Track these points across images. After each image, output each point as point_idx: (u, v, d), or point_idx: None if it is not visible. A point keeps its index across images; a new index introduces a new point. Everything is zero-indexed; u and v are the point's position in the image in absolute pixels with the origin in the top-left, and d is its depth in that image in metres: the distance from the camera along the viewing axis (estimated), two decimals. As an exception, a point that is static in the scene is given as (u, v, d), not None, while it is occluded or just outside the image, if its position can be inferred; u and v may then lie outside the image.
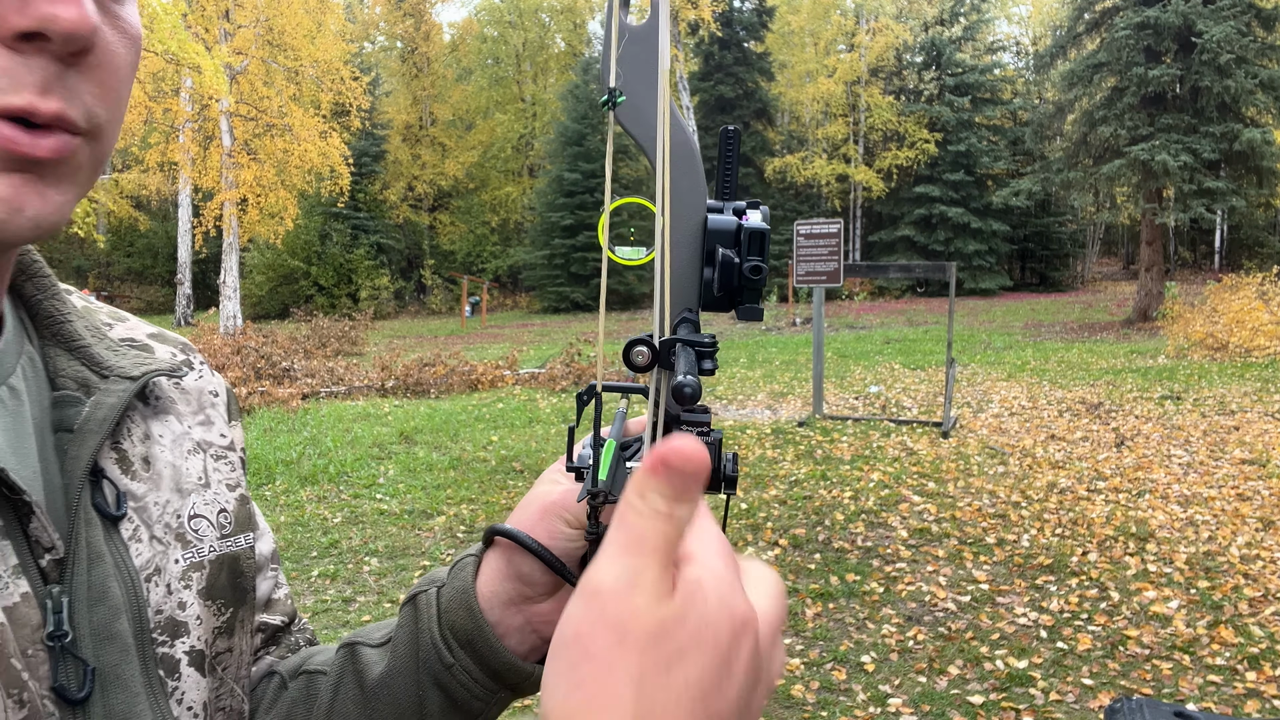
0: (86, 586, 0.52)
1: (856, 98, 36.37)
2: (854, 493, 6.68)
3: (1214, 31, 20.00)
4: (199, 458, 0.64)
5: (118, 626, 0.53)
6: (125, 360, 0.59)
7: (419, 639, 0.63)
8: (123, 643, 0.53)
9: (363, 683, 0.65)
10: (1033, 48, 41.67)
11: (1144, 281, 22.04)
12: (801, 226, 9.40)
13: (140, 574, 0.56)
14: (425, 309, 37.39)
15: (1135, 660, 4.04)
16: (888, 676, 3.99)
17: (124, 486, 0.57)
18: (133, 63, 0.50)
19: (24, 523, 0.49)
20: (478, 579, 0.63)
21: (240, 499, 0.66)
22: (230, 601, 0.62)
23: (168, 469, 0.61)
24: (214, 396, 0.68)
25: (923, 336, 19.23)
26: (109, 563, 0.54)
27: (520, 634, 0.63)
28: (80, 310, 0.61)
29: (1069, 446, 8.04)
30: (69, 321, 0.58)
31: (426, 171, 40.38)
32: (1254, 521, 5.76)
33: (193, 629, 0.59)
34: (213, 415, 0.67)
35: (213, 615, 0.61)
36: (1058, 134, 25.68)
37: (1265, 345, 13.58)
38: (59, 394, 0.56)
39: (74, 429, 0.55)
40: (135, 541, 0.57)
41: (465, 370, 12.89)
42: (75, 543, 0.52)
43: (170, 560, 0.58)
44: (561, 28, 44.32)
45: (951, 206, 32.80)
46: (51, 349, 0.58)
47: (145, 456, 0.59)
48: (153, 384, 0.63)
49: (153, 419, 0.62)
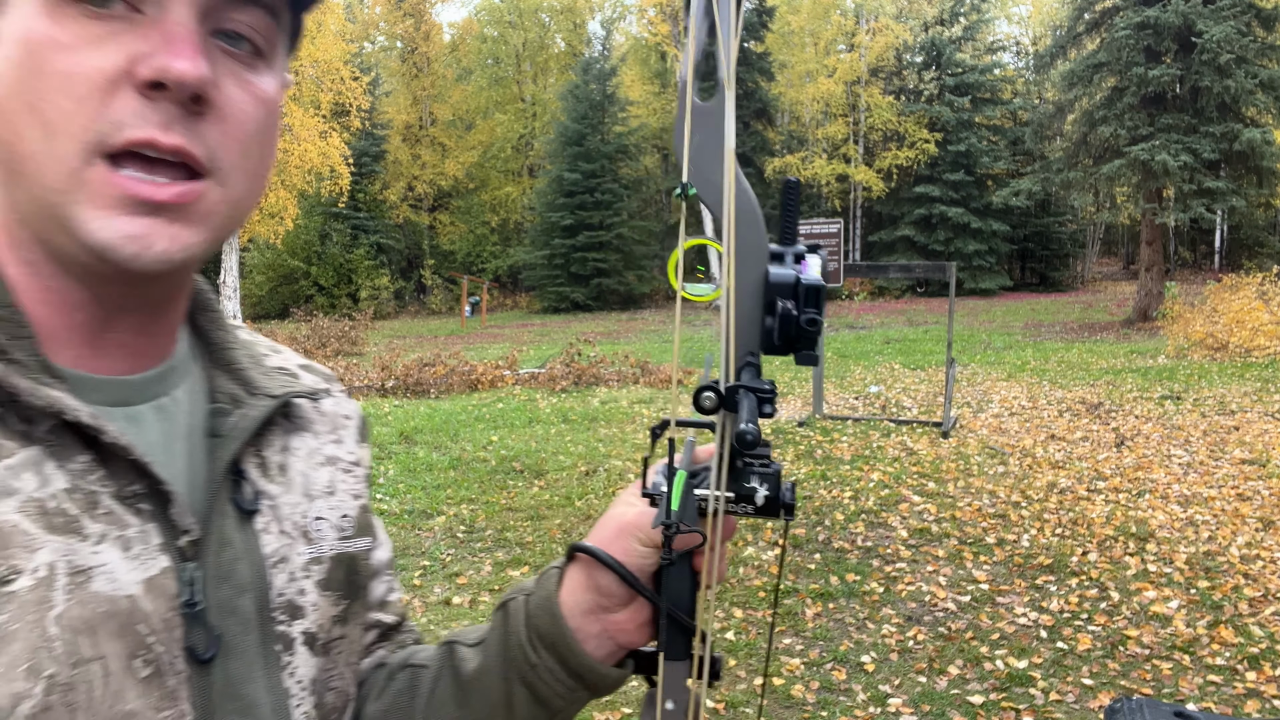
0: (216, 566, 0.61)
1: (856, 98, 36.37)
2: (854, 493, 6.68)
3: (1214, 31, 20.00)
4: (328, 470, 0.74)
5: (241, 603, 0.62)
6: (272, 383, 0.70)
7: (508, 640, 0.72)
8: (244, 617, 0.62)
9: (458, 677, 0.74)
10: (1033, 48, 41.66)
11: (1144, 281, 22.04)
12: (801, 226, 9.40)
13: (267, 561, 0.65)
14: (425, 309, 37.40)
15: (1135, 660, 4.04)
16: (888, 676, 3.99)
17: (261, 487, 0.67)
18: (265, 123, 0.60)
19: (166, 509, 0.59)
20: (561, 589, 0.71)
21: (362, 508, 0.76)
22: (345, 594, 0.71)
23: (300, 476, 0.71)
24: (347, 419, 0.79)
25: (923, 336, 19.24)
26: (238, 548, 0.63)
27: (598, 640, 0.70)
28: (243, 341, 0.74)
29: (1069, 446, 8.04)
30: (231, 349, 0.71)
31: (426, 171, 40.38)
32: (1254, 521, 5.76)
33: (309, 613, 0.67)
34: (344, 435, 0.78)
35: (329, 604, 0.69)
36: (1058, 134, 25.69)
37: (1265, 345, 13.58)
38: (214, 406, 0.67)
39: (221, 434, 0.65)
40: (265, 533, 0.66)
41: (465, 370, 12.89)
42: (210, 529, 0.62)
43: (295, 552, 0.67)
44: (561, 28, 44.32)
45: (951, 206, 32.79)
46: (214, 370, 0.69)
47: (282, 464, 0.70)
48: (295, 404, 0.73)
49: (292, 434, 0.72)
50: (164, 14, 0.54)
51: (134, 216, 0.54)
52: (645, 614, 0.70)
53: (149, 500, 0.58)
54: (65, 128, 0.53)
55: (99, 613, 0.54)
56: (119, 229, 0.54)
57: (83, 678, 0.52)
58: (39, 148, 0.53)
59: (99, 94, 0.53)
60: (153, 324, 0.63)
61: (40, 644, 0.51)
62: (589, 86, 35.04)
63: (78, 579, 0.53)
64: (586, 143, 34.03)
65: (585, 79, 35.41)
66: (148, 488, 0.58)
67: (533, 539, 5.92)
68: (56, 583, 0.53)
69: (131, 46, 0.53)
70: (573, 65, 40.10)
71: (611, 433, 9.20)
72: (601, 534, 0.70)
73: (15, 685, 0.49)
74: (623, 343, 19.94)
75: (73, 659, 0.52)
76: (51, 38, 0.53)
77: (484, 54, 43.15)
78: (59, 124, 0.53)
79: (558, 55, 43.90)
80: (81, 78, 0.53)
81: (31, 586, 0.51)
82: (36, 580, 0.52)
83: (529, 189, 39.73)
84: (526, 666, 0.70)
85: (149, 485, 0.58)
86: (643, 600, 0.69)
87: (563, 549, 5.73)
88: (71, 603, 0.53)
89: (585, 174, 33.62)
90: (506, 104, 41.87)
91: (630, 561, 0.68)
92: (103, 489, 0.57)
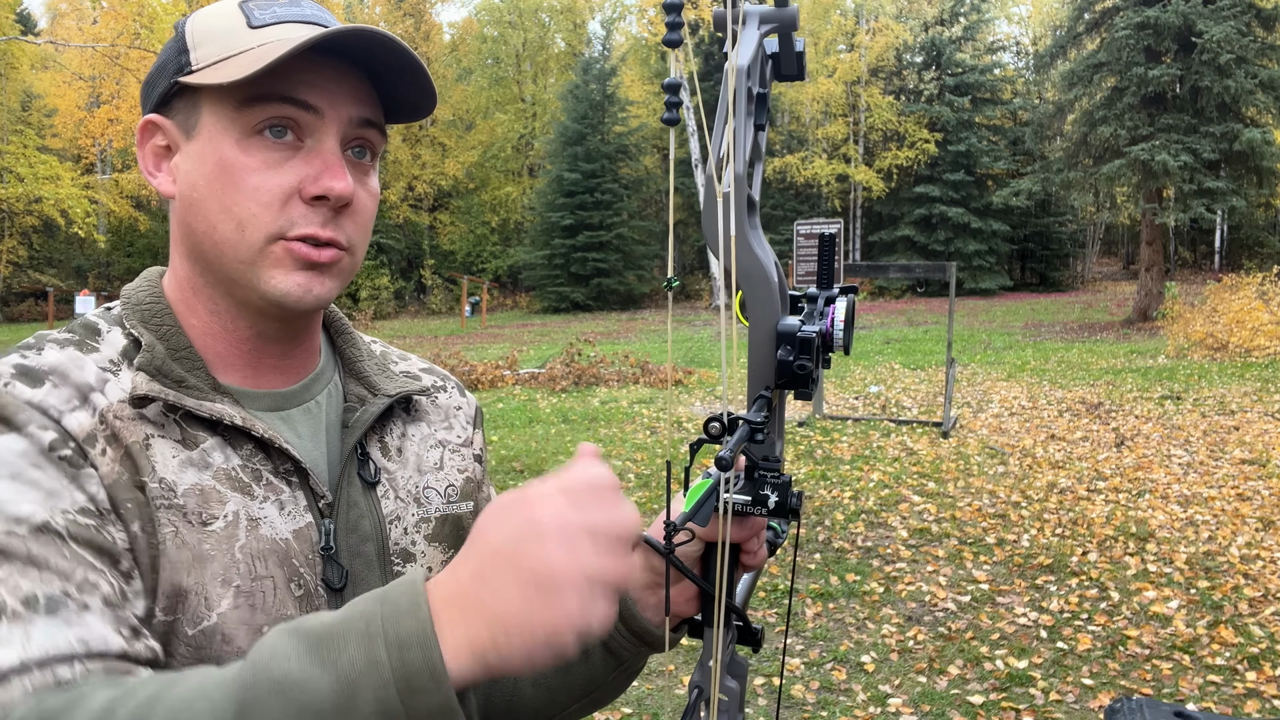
0: (345, 522, 0.85)
1: (856, 98, 36.36)
2: (854, 493, 6.68)
3: (1214, 31, 19.99)
4: (438, 450, 0.97)
5: (365, 549, 0.85)
6: (391, 385, 0.93)
7: None
8: (367, 559, 0.85)
9: None
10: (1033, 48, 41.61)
11: (1144, 281, 22.03)
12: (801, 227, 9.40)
13: (385, 519, 0.88)
14: (425, 309, 37.39)
15: (1135, 660, 4.04)
16: (888, 676, 3.99)
17: (382, 464, 0.90)
18: (374, 210, 0.86)
19: (307, 480, 0.83)
20: None
21: (467, 480, 0.98)
22: (452, 547, 0.94)
23: (413, 456, 0.94)
24: (458, 410, 1.01)
25: (923, 336, 19.23)
26: (362, 509, 0.86)
27: (656, 609, 0.90)
28: (374, 353, 0.98)
29: (1069, 446, 8.04)
30: (360, 361, 0.95)
31: (426, 171, 40.35)
32: (1254, 521, 5.75)
33: (419, 560, 0.90)
34: (454, 423, 1.00)
35: (438, 553, 0.92)
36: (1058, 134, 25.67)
37: (1265, 345, 13.58)
38: (347, 405, 0.91)
39: (349, 425, 0.89)
40: (385, 499, 0.89)
41: (465, 370, 12.89)
42: (339, 495, 0.85)
43: (408, 514, 0.91)
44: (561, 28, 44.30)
45: (951, 206, 32.77)
46: (348, 378, 0.94)
47: (399, 448, 0.93)
48: (414, 400, 0.97)
49: (410, 423, 0.95)
50: (320, 145, 0.79)
51: (303, 273, 0.80)
52: (692, 590, 0.86)
53: (296, 475, 0.82)
54: (254, 224, 0.78)
55: (266, 548, 0.78)
56: (294, 281, 0.80)
57: (258, 589, 0.77)
58: (232, 235, 0.79)
59: (279, 203, 0.78)
60: (294, 350, 0.88)
61: (230, 564, 0.76)
62: (589, 86, 35.03)
63: (252, 524, 0.78)
64: (586, 143, 34.02)
65: (585, 79, 35.39)
66: (294, 466, 0.82)
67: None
68: (239, 526, 0.77)
69: (301, 170, 0.79)
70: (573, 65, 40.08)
71: (612, 433, 9.20)
72: (658, 525, 0.83)
73: (216, 590, 0.74)
74: (623, 343, 19.93)
75: (251, 576, 0.77)
76: (243, 163, 0.78)
77: (484, 54, 43.11)
78: (249, 222, 0.78)
79: (558, 55, 43.87)
80: (266, 191, 0.78)
81: (224, 527, 0.77)
82: (226, 523, 0.77)
83: (529, 189, 39.71)
84: None
85: (294, 464, 0.82)
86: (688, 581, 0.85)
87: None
88: (249, 539, 0.77)
89: (585, 174, 33.60)
90: (506, 104, 41.84)
91: (677, 551, 0.80)
92: (263, 467, 0.81)
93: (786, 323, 0.73)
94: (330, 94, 0.80)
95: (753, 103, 0.72)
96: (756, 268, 0.72)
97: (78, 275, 36.94)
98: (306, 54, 0.78)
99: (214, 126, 0.79)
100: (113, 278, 37.84)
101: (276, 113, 0.78)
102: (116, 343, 0.81)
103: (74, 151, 35.64)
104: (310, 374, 0.90)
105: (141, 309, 0.84)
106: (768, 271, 0.72)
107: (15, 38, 19.72)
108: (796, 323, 0.73)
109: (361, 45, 0.79)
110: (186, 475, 0.77)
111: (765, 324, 0.73)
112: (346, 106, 0.81)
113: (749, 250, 0.71)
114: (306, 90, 0.78)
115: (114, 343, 0.80)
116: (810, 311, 0.78)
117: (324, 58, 0.79)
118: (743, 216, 0.69)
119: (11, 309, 35.04)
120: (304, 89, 0.78)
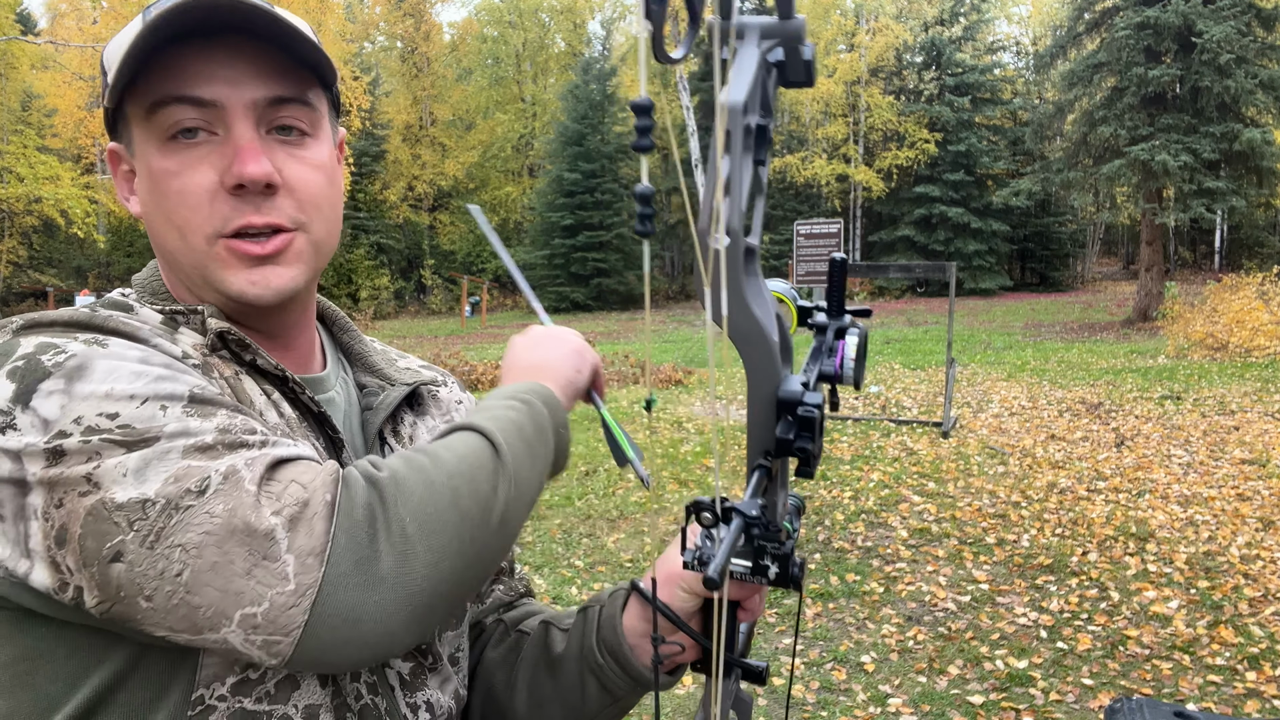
0: None
1: (856, 98, 36.36)
2: (854, 493, 6.68)
3: (1214, 31, 19.99)
4: None
5: None
6: (404, 377, 0.99)
7: (584, 641, 0.93)
8: None
9: (549, 653, 0.96)
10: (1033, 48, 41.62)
11: (1144, 281, 22.02)
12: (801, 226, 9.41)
13: None
14: (425, 309, 37.38)
15: (1135, 660, 4.04)
16: (888, 676, 3.99)
17: (396, 448, 0.95)
18: (324, 180, 0.85)
19: (339, 454, 0.85)
20: (625, 612, 0.91)
21: None
22: None
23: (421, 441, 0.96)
24: (459, 405, 1.06)
25: (923, 336, 19.23)
26: None
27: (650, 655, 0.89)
28: (378, 349, 1.03)
29: (1069, 446, 8.04)
30: (370, 356, 1.00)
31: (426, 171, 40.34)
32: (1254, 521, 5.75)
33: None
34: (455, 416, 1.04)
35: None
36: (1058, 134, 25.67)
37: (1265, 345, 13.58)
38: (365, 392, 0.97)
39: (371, 409, 0.94)
40: None
41: (465, 370, 12.89)
42: None
43: None
44: (561, 28, 44.30)
45: (951, 206, 32.76)
46: (358, 371, 0.99)
47: (410, 435, 0.98)
48: (419, 393, 1.01)
49: (417, 415, 1.00)
50: (231, 134, 0.78)
51: (251, 269, 0.80)
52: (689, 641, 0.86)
53: (331, 448, 0.85)
54: (190, 228, 0.79)
55: None
56: (244, 279, 0.80)
57: None
58: (179, 244, 0.81)
59: (206, 202, 0.78)
60: (297, 339, 0.91)
61: None
62: (589, 86, 35.03)
63: None
64: (586, 143, 34.01)
65: (585, 79, 35.40)
66: (329, 439, 0.85)
67: (533, 539, 5.92)
68: None
69: (218, 164, 0.78)
70: (573, 65, 40.08)
71: (611, 433, 9.19)
72: (658, 575, 0.86)
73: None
74: (623, 343, 19.93)
75: None
76: (165, 169, 0.79)
77: (484, 54, 43.11)
78: (186, 227, 0.79)
79: (558, 55, 43.87)
80: (190, 193, 0.78)
81: None
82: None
83: (529, 189, 39.70)
84: (595, 664, 0.90)
85: (330, 436, 0.85)
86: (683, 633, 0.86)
87: (562, 548, 5.75)
88: None
89: (585, 174, 33.60)
90: (506, 104, 41.83)
91: (675, 604, 0.84)
92: (310, 433, 0.84)
93: (789, 389, 0.66)
94: (228, 80, 0.77)
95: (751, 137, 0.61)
96: (754, 329, 0.64)
97: (78, 275, 36.93)
98: (198, 43, 0.76)
99: (142, 142, 0.80)
100: (113, 278, 37.83)
101: (177, 116, 0.77)
102: (151, 316, 0.81)
103: (74, 151, 35.59)
104: (324, 368, 0.95)
105: (159, 296, 0.85)
106: (766, 332, 0.64)
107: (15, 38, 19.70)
108: (799, 389, 0.66)
109: (241, 18, 0.76)
110: (270, 415, 0.80)
111: (764, 387, 0.66)
112: (250, 90, 0.78)
113: (746, 311, 0.63)
114: (200, 84, 0.77)
115: (148, 316, 0.81)
116: (818, 347, 0.73)
117: (215, 44, 0.77)
118: (738, 270, 0.61)
119: (11, 309, 35.02)
120: (197, 83, 0.77)
